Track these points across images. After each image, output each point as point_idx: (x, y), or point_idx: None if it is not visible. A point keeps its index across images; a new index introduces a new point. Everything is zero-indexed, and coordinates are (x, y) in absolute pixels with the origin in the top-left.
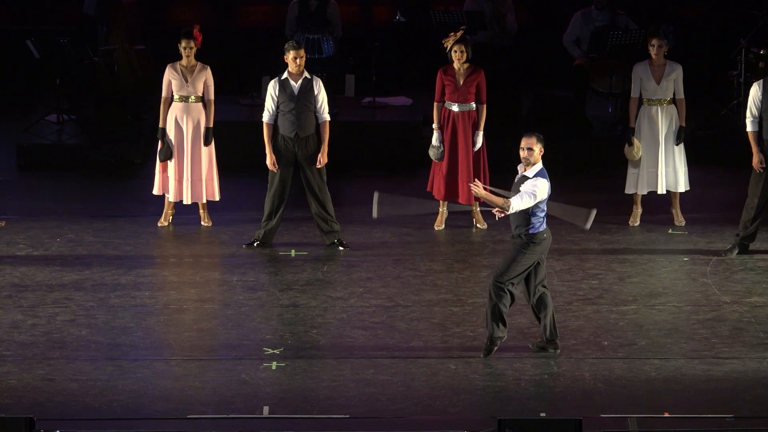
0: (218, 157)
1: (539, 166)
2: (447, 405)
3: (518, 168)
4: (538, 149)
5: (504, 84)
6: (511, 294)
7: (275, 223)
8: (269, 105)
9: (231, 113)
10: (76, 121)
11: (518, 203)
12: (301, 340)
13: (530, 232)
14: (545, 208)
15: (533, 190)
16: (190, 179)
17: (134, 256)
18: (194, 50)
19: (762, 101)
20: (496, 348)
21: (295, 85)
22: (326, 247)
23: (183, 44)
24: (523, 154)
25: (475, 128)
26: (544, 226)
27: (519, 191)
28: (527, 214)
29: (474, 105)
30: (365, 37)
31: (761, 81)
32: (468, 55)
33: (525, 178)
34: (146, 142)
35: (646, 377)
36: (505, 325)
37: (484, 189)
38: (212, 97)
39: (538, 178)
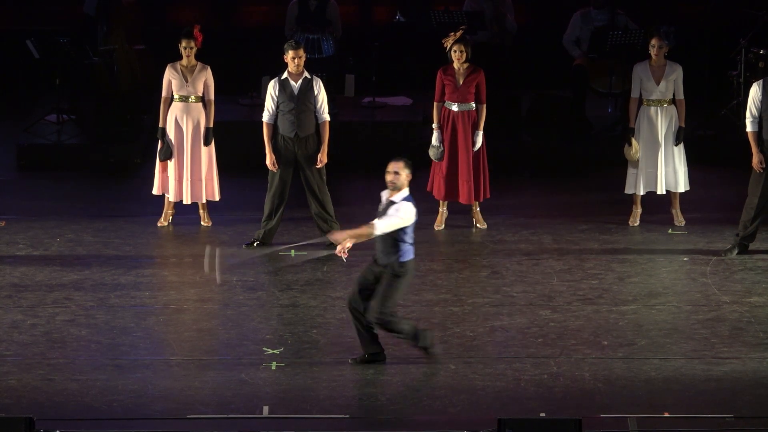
0: (218, 157)
1: (406, 191)
2: (447, 405)
3: (382, 195)
4: (405, 174)
5: (504, 84)
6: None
7: (275, 223)
8: (269, 105)
9: (231, 113)
10: (75, 121)
11: (383, 224)
12: (301, 340)
13: (401, 260)
14: (413, 236)
15: (399, 214)
16: (189, 179)
17: (134, 256)
18: (194, 50)
19: (762, 101)
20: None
21: (295, 84)
22: (326, 247)
23: (183, 44)
24: (389, 177)
25: (475, 128)
26: (413, 254)
27: (386, 215)
28: (396, 242)
29: (474, 105)
30: (365, 37)
31: (761, 81)
32: (468, 55)
33: (392, 203)
34: (146, 142)
35: (645, 377)
36: (416, 337)
37: (341, 232)
38: (212, 97)
39: (404, 202)
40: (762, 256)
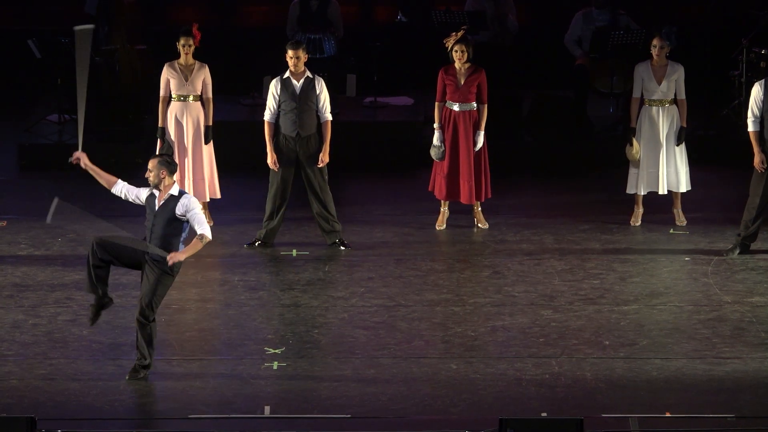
0: (219, 157)
1: (176, 185)
2: (448, 405)
3: (153, 191)
4: (157, 171)
5: (505, 84)
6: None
7: (276, 223)
8: (271, 104)
9: (231, 113)
10: (76, 121)
11: (207, 229)
12: (303, 339)
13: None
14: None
15: (198, 208)
16: (192, 179)
17: None
18: (192, 48)
19: (763, 101)
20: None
21: (297, 84)
22: (328, 246)
23: (182, 42)
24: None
25: (476, 128)
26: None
27: (185, 218)
28: (173, 238)
29: (475, 105)
30: (366, 37)
31: (762, 81)
32: (469, 55)
33: (174, 198)
34: (146, 142)
35: (647, 377)
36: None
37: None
38: (211, 95)
39: (188, 195)
40: (764, 256)
